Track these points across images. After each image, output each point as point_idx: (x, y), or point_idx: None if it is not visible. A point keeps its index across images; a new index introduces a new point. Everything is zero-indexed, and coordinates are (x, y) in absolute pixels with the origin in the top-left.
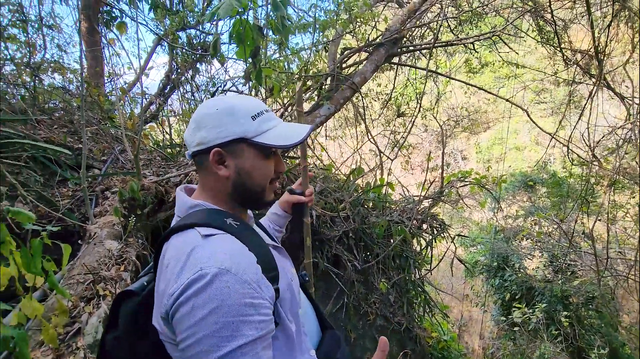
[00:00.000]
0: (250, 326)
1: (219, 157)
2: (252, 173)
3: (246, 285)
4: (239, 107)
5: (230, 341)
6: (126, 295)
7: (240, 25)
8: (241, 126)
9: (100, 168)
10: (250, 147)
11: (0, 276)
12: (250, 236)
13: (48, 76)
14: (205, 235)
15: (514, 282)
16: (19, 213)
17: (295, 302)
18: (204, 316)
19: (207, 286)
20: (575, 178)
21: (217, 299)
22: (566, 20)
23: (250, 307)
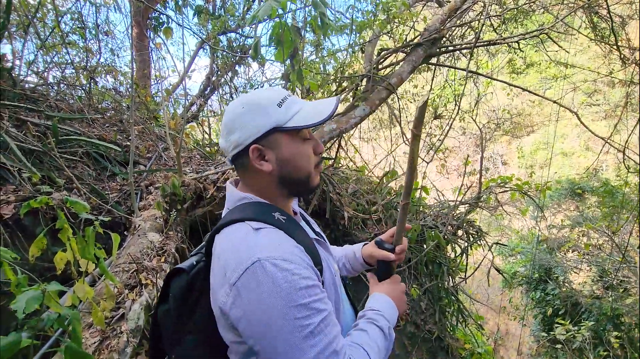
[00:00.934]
0: (321, 303)
1: (258, 152)
2: (294, 161)
3: (304, 270)
4: (263, 99)
5: (311, 319)
6: (177, 271)
7: (280, 27)
8: (271, 116)
9: (145, 164)
10: (285, 135)
11: (58, 260)
12: (296, 230)
13: (102, 79)
14: (256, 228)
15: (557, 296)
16: (76, 203)
17: (337, 297)
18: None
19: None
20: (631, 187)
21: (283, 288)
22: (624, 16)
23: (315, 288)
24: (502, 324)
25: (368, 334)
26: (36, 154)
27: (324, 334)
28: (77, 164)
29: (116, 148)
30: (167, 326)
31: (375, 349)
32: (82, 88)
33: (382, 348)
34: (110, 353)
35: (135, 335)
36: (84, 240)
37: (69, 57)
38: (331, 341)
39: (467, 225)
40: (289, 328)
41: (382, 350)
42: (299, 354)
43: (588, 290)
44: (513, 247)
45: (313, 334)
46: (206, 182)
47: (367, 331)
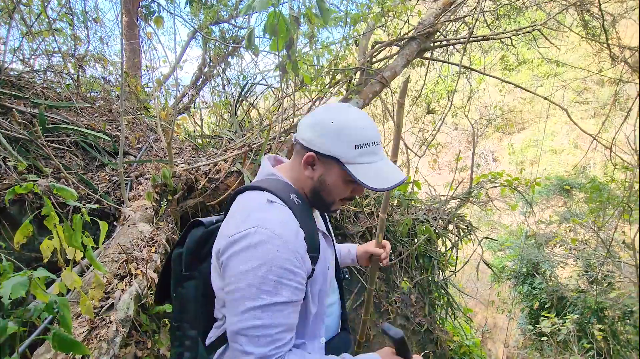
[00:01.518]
0: (287, 289)
1: (311, 160)
2: (330, 188)
3: (291, 254)
4: (349, 131)
5: (268, 296)
6: (197, 223)
7: (275, 17)
8: (340, 149)
9: (135, 155)
10: (340, 168)
11: (45, 248)
12: (306, 216)
13: (90, 67)
14: (269, 200)
15: (544, 290)
16: (63, 190)
17: (325, 289)
18: (252, 268)
19: (260, 243)
20: (618, 183)
21: (266, 258)
22: (615, 15)
23: (291, 273)
24: (490, 318)
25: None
26: (22, 142)
27: (269, 316)
28: (64, 153)
29: (105, 137)
30: (176, 268)
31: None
32: (70, 77)
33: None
34: (99, 342)
35: (125, 325)
36: (70, 228)
37: (56, 45)
38: (271, 326)
39: (457, 219)
40: (248, 292)
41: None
42: (241, 317)
43: (574, 284)
44: (502, 242)
45: (259, 309)
46: (197, 173)
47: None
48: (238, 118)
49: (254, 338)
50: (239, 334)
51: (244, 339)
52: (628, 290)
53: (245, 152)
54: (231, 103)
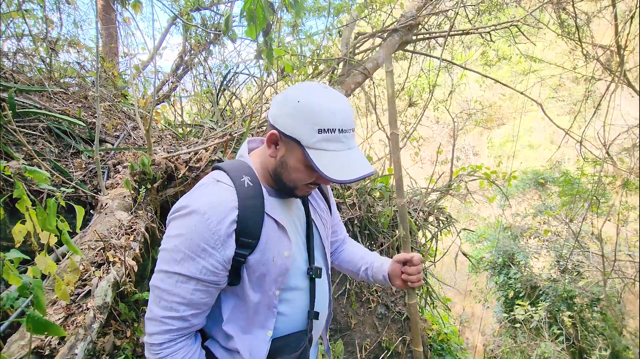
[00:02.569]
0: (193, 265)
1: (274, 138)
2: (291, 171)
3: (209, 233)
4: (315, 113)
5: (175, 264)
6: None
7: (252, 3)
8: (301, 131)
9: (113, 143)
10: (302, 151)
11: (17, 233)
12: (253, 200)
13: (64, 52)
14: (217, 179)
15: (519, 280)
16: (35, 172)
17: (270, 280)
18: (172, 236)
19: (183, 216)
20: (588, 177)
21: (183, 230)
22: (589, 14)
23: (203, 251)
24: (468, 307)
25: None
26: None
27: (170, 284)
28: (37, 140)
29: (80, 123)
30: None
31: None
32: (42, 60)
33: None
34: (75, 329)
35: (103, 311)
36: (44, 211)
37: (27, 27)
38: (169, 292)
39: (437, 211)
40: (162, 256)
41: None
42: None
43: (546, 274)
44: (480, 234)
45: (167, 274)
46: (178, 162)
47: None
48: (220, 107)
49: (156, 298)
50: (151, 288)
51: (151, 295)
52: (595, 278)
53: (227, 141)
54: (213, 93)
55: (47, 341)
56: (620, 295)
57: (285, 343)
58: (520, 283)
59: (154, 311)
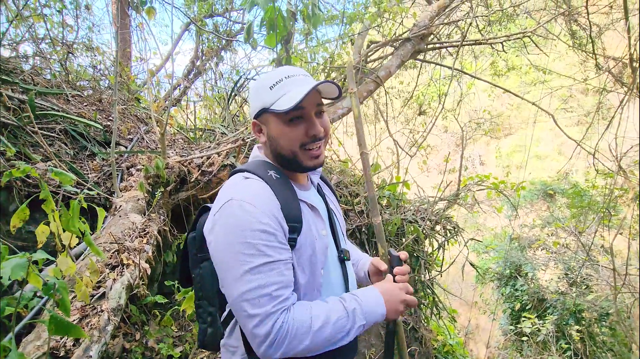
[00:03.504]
0: (270, 249)
1: (257, 127)
2: (279, 140)
3: (265, 216)
4: (263, 79)
5: (255, 258)
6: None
7: (273, 12)
8: (261, 98)
9: (126, 145)
10: (272, 115)
11: (40, 233)
12: (284, 188)
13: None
14: (246, 177)
15: (526, 292)
16: (61, 174)
17: (316, 259)
18: (232, 237)
19: (234, 214)
20: (599, 189)
21: (242, 225)
22: (601, 26)
23: (270, 234)
24: (473, 319)
25: (327, 306)
26: (10, 129)
27: (261, 277)
28: (54, 141)
29: (97, 125)
30: (191, 250)
31: (321, 321)
32: (60, 63)
33: (337, 327)
34: (90, 331)
35: (116, 314)
36: (68, 212)
37: (46, 31)
38: (267, 285)
39: (445, 220)
40: (234, 261)
41: (335, 328)
42: (238, 284)
43: (554, 287)
44: (487, 244)
45: (251, 272)
46: (190, 166)
47: (328, 303)
48: (231, 112)
49: (254, 301)
50: (240, 302)
51: (246, 305)
52: (605, 293)
53: (240, 146)
54: (224, 98)
55: (62, 343)
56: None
57: None
58: (527, 295)
59: (259, 313)
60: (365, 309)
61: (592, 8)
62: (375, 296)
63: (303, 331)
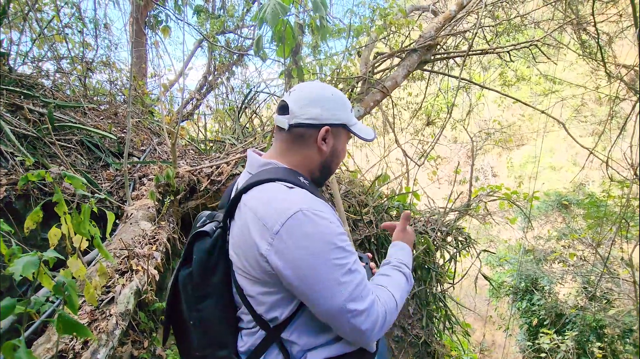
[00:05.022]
0: (351, 247)
1: (326, 134)
2: (340, 154)
3: (336, 220)
4: (343, 99)
5: (346, 259)
6: (200, 235)
7: (282, 25)
8: (347, 114)
9: (139, 157)
10: (346, 133)
11: (52, 236)
12: (317, 192)
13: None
14: (288, 186)
15: (543, 307)
16: (74, 179)
17: None
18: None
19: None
20: (615, 198)
21: (322, 234)
22: (610, 34)
23: (344, 234)
24: (489, 334)
25: (392, 279)
26: (30, 140)
27: (358, 272)
28: (70, 152)
29: (111, 136)
30: (188, 289)
31: (398, 293)
32: (79, 78)
33: (405, 291)
34: (98, 334)
35: (125, 318)
36: (79, 216)
37: (66, 50)
38: (363, 278)
39: (456, 231)
40: (333, 268)
41: (404, 293)
42: (342, 288)
43: (572, 301)
44: (501, 257)
45: (351, 271)
46: (200, 175)
47: (391, 276)
48: (240, 124)
49: (360, 296)
50: (350, 302)
51: (355, 304)
52: (627, 307)
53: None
54: (234, 110)
55: (71, 346)
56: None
57: None
58: (545, 310)
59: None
60: (410, 266)
61: (602, 17)
62: (409, 252)
63: (393, 307)
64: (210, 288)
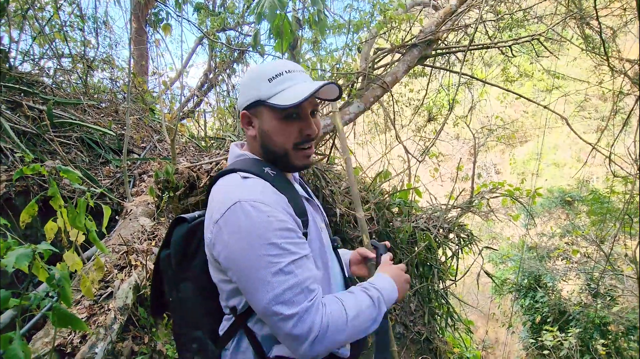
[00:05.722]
0: (294, 246)
1: (247, 119)
2: (271, 135)
3: (281, 214)
4: (260, 70)
5: (282, 258)
6: (179, 220)
7: (280, 20)
8: (257, 89)
9: (139, 154)
10: (267, 109)
11: (49, 230)
12: (284, 184)
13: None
14: (243, 177)
15: (546, 304)
16: (69, 172)
17: (324, 252)
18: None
19: (247, 216)
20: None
21: (259, 226)
22: (614, 28)
23: (291, 231)
24: (492, 331)
25: (354, 296)
26: (30, 137)
27: (294, 274)
28: (70, 149)
29: (111, 132)
30: (167, 271)
31: (354, 311)
32: (80, 76)
33: (367, 315)
34: (97, 328)
35: (123, 313)
36: (75, 210)
37: (67, 48)
38: (301, 282)
39: (458, 228)
40: (261, 264)
41: (365, 317)
42: (268, 288)
43: (576, 298)
44: (503, 254)
45: (283, 272)
46: (200, 172)
47: (354, 293)
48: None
49: (289, 301)
50: (276, 304)
51: (281, 307)
52: (631, 304)
53: None
54: (235, 108)
55: (70, 340)
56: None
57: None
58: (548, 307)
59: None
60: (385, 296)
61: (605, 11)
62: (389, 283)
63: (341, 322)
64: (189, 273)
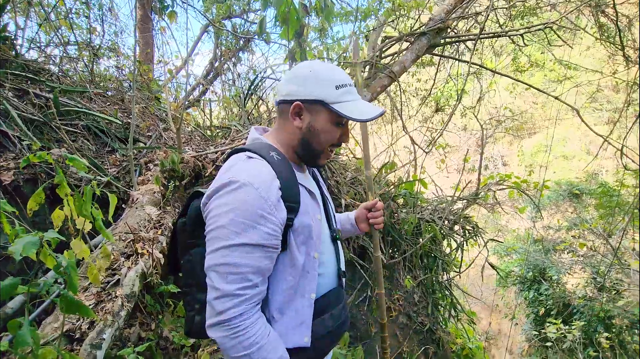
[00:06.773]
0: (256, 233)
1: (298, 109)
2: (319, 133)
3: (262, 200)
4: (327, 74)
5: (237, 237)
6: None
7: (286, 6)
8: (322, 89)
9: (145, 142)
10: (326, 111)
11: (56, 218)
12: (285, 169)
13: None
14: (248, 156)
15: (550, 296)
16: (75, 160)
17: (312, 243)
18: (225, 211)
19: (233, 190)
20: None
21: (237, 203)
22: (630, 17)
23: (262, 218)
24: (495, 323)
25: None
26: (37, 125)
27: (237, 256)
28: (77, 137)
29: (117, 121)
30: (182, 237)
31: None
32: (85, 64)
33: None
34: (104, 315)
35: (130, 300)
36: (81, 198)
37: (73, 36)
38: (238, 265)
39: (464, 220)
40: (219, 234)
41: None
42: (212, 255)
43: (581, 292)
44: (509, 246)
45: (230, 248)
46: (205, 161)
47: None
48: (246, 110)
49: (222, 275)
50: (210, 271)
51: (214, 275)
52: (637, 298)
53: None
54: (240, 97)
55: (78, 325)
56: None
57: (328, 300)
58: (552, 299)
59: (223, 288)
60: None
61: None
62: None
63: (248, 343)
64: (201, 240)
